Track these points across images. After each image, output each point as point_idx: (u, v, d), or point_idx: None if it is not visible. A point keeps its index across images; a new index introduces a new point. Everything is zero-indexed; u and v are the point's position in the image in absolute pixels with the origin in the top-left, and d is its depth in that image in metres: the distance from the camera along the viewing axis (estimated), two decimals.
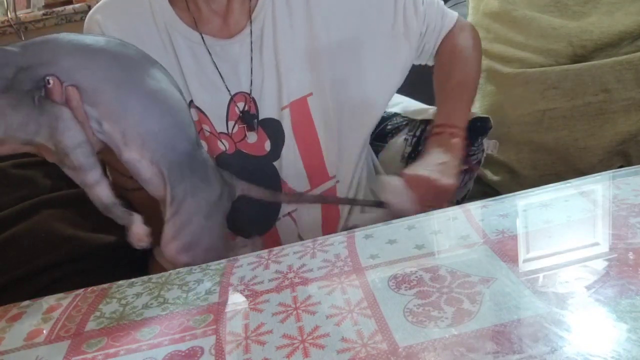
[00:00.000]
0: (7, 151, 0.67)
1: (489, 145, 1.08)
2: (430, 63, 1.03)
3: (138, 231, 0.70)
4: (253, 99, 0.87)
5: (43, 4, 2.25)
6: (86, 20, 0.88)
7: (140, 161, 0.70)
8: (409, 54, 0.95)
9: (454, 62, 0.99)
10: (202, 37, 0.86)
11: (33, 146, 0.66)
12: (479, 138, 1.05)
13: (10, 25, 2.09)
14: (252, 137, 0.88)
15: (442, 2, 1.01)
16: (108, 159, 0.81)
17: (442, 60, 1.00)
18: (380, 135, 1.09)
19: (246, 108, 0.87)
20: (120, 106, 0.69)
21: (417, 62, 1.03)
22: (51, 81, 0.63)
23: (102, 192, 0.68)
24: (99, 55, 0.68)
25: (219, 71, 0.87)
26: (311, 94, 0.88)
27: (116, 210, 0.69)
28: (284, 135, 0.88)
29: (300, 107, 0.88)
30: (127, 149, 0.70)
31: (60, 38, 0.67)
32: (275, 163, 0.89)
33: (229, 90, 0.87)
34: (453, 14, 1.02)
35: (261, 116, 0.88)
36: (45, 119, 0.63)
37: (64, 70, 0.65)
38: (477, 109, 1.25)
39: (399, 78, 0.96)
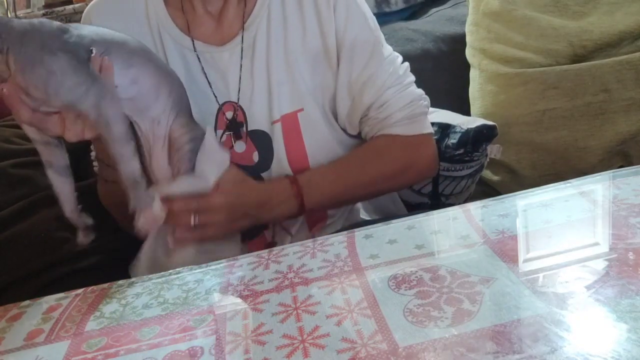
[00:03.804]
0: (45, 132, 0.70)
1: (493, 150, 1.08)
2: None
3: (157, 212, 0.71)
4: (241, 107, 0.86)
5: (43, 4, 2.25)
6: (82, 16, 0.89)
7: (164, 112, 0.75)
8: (344, 115, 0.89)
9: (368, 162, 0.88)
10: (193, 43, 0.85)
11: (69, 113, 0.68)
12: (484, 144, 1.05)
13: None
14: (240, 147, 0.87)
15: (424, 110, 0.90)
16: (104, 153, 0.82)
17: (366, 145, 0.90)
18: None
19: (234, 116, 0.87)
20: (154, 64, 0.75)
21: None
22: (94, 51, 0.68)
23: (135, 165, 0.70)
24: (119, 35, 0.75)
25: (208, 80, 0.86)
26: (302, 109, 0.87)
27: (141, 188, 0.70)
28: (273, 148, 0.87)
29: (290, 122, 0.87)
30: (157, 102, 0.74)
31: (86, 25, 0.74)
32: (264, 174, 0.88)
33: (217, 100, 0.86)
34: (420, 128, 0.89)
35: (250, 127, 0.87)
36: (96, 87, 0.67)
37: (100, 42, 0.70)
38: (478, 109, 1.25)
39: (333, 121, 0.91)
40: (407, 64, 0.92)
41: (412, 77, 0.92)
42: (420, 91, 0.91)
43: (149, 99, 0.75)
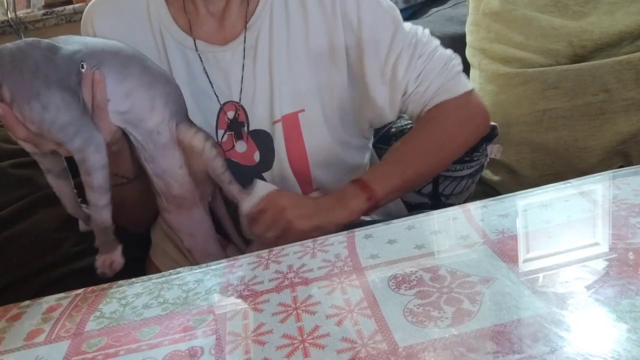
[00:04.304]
0: (39, 149, 0.71)
1: (493, 150, 1.08)
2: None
3: (117, 259, 0.73)
4: (243, 107, 0.86)
5: (43, 4, 2.25)
6: (83, 15, 0.88)
7: (162, 123, 0.76)
8: (386, 103, 0.89)
9: (423, 139, 0.89)
10: (195, 42, 0.85)
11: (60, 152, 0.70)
12: (484, 144, 1.05)
13: (10, 25, 2.09)
14: (241, 147, 0.87)
15: (458, 68, 0.90)
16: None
17: (418, 124, 0.91)
18: (384, 137, 1.09)
19: (235, 116, 0.86)
20: (149, 73, 0.75)
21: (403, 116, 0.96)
22: (85, 65, 0.68)
23: (108, 214, 0.71)
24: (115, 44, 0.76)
25: (209, 80, 0.85)
26: (303, 110, 0.87)
27: (110, 234, 0.73)
28: (274, 148, 0.87)
29: (291, 122, 0.86)
30: (152, 114, 0.75)
31: (75, 37, 0.73)
32: (265, 174, 0.88)
33: (218, 100, 0.86)
34: (462, 87, 0.89)
35: (251, 126, 0.86)
36: (84, 132, 0.67)
37: (92, 55, 0.70)
38: None
39: (370, 116, 0.92)
40: (427, 30, 0.92)
41: (437, 41, 0.91)
42: (450, 51, 0.91)
43: (143, 111, 0.75)
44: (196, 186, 0.83)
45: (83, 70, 0.67)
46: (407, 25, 0.90)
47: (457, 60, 0.91)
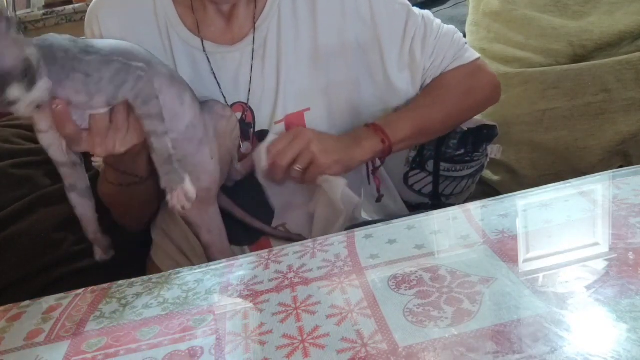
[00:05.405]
0: (76, 148, 0.70)
1: (493, 150, 1.08)
2: None
3: (189, 187, 0.72)
4: (250, 108, 0.86)
5: (43, 4, 2.25)
6: (87, 12, 0.86)
7: (196, 116, 0.77)
8: (409, 85, 0.93)
9: (437, 94, 0.94)
10: (203, 43, 0.84)
11: (109, 107, 0.69)
12: (484, 144, 1.06)
13: None
14: (246, 147, 0.87)
15: (463, 40, 0.96)
16: (125, 164, 0.81)
17: (431, 85, 0.95)
18: None
19: (243, 117, 0.86)
20: (167, 70, 0.76)
21: None
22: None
23: (168, 140, 0.71)
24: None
25: (217, 81, 0.85)
26: (309, 109, 0.87)
27: (174, 162, 0.71)
28: None
29: (295, 122, 0.86)
30: (184, 108, 0.76)
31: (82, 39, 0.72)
32: None
33: (226, 101, 0.85)
34: (471, 55, 0.96)
35: (257, 127, 0.87)
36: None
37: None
38: None
39: (395, 103, 0.94)
40: (427, 10, 0.96)
41: (438, 19, 0.96)
42: (451, 26, 0.96)
43: (174, 107, 0.74)
44: (221, 176, 0.84)
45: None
46: (415, 9, 0.93)
47: (459, 33, 0.96)
